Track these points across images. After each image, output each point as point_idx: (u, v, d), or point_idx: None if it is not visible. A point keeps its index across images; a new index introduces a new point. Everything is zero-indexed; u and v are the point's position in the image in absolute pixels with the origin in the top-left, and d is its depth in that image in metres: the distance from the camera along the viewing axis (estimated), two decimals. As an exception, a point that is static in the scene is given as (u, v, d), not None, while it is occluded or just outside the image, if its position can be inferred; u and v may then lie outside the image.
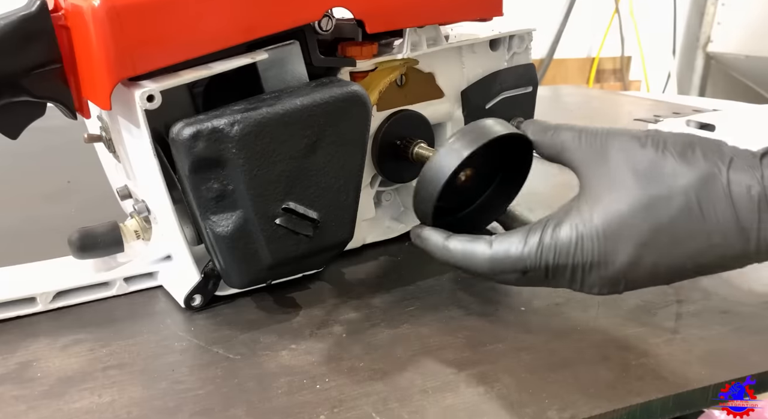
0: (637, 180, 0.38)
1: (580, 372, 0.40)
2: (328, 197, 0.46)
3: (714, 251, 0.37)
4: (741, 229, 0.36)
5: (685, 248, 0.37)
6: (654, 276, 0.38)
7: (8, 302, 0.46)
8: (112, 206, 0.59)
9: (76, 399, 0.38)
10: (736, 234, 0.36)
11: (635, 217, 0.38)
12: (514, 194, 0.50)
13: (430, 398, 0.38)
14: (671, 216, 0.37)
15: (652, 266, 0.38)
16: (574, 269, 0.39)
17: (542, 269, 0.40)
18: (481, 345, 0.43)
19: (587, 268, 0.39)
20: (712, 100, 1.44)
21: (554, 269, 0.39)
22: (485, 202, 0.50)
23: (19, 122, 0.46)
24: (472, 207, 0.50)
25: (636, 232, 0.37)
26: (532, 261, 0.39)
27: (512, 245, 0.40)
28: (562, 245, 0.39)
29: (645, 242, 0.37)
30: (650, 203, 0.37)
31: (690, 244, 0.37)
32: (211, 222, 0.43)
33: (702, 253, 0.37)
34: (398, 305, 0.48)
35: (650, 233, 0.37)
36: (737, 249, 0.36)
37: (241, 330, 0.45)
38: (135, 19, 0.40)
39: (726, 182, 0.36)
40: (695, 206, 0.37)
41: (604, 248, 0.38)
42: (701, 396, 0.39)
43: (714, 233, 0.36)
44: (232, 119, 0.41)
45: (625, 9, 2.32)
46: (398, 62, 0.52)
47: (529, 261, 0.40)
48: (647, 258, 0.37)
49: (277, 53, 0.46)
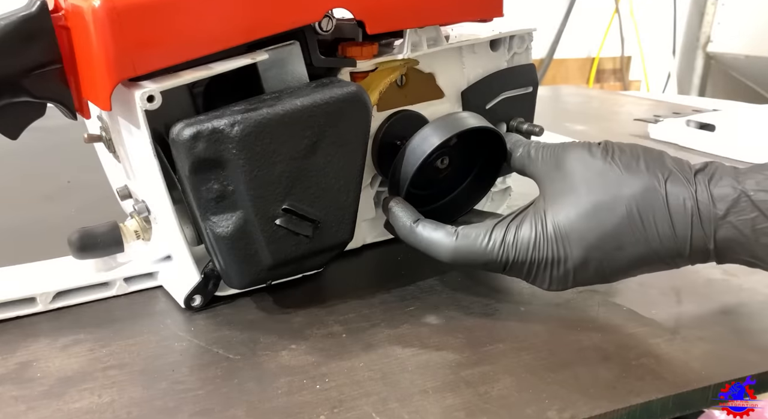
0: (587, 188, 0.42)
1: (581, 372, 0.40)
2: (328, 198, 0.46)
3: (653, 255, 0.41)
4: (676, 237, 0.40)
5: (627, 253, 0.41)
6: (599, 275, 0.43)
7: (8, 303, 0.46)
8: (112, 206, 0.59)
9: (76, 399, 0.38)
10: (671, 241, 0.40)
11: (582, 222, 0.42)
12: (487, 188, 0.54)
13: (430, 398, 0.38)
14: (614, 224, 0.41)
15: (597, 267, 0.42)
16: (530, 266, 0.43)
17: (501, 264, 0.43)
18: (481, 345, 0.43)
19: (542, 266, 0.43)
20: (712, 100, 1.44)
21: (513, 264, 0.43)
22: (460, 195, 0.54)
23: (19, 123, 0.46)
24: (447, 199, 0.54)
25: (584, 236, 0.41)
26: (493, 256, 0.43)
27: (476, 240, 0.44)
28: (522, 244, 0.43)
29: (591, 246, 0.41)
30: (596, 210, 0.41)
31: (631, 249, 0.41)
32: (211, 223, 0.43)
33: (642, 257, 0.41)
34: (398, 305, 0.48)
35: (596, 239, 0.41)
36: (673, 253, 0.41)
37: (241, 330, 0.45)
38: (135, 20, 0.40)
39: (664, 194, 0.40)
40: (636, 215, 0.41)
41: (557, 250, 0.42)
42: (701, 396, 0.39)
43: (653, 240, 0.40)
44: (233, 119, 0.41)
45: (625, 9, 2.32)
46: (398, 63, 0.52)
47: (491, 256, 0.43)
48: (593, 260, 0.42)
49: (278, 54, 0.46)
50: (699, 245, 0.40)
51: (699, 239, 0.40)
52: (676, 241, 0.40)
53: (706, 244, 0.40)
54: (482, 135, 0.50)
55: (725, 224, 0.39)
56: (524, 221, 0.43)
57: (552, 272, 0.43)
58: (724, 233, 0.39)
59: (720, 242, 0.39)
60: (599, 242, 0.41)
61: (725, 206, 0.39)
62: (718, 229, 0.39)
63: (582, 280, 0.43)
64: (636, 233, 0.40)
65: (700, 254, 0.40)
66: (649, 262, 0.41)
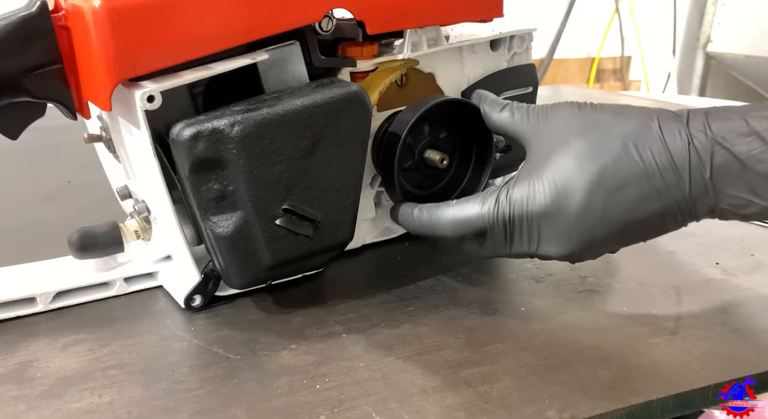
0: (578, 135, 0.42)
1: (581, 372, 0.40)
2: (328, 198, 0.46)
3: (655, 194, 0.40)
4: (675, 168, 0.39)
5: (630, 193, 0.40)
6: (605, 224, 0.41)
7: (8, 303, 0.46)
8: (112, 206, 0.59)
9: (76, 399, 0.38)
10: (671, 173, 0.39)
11: (581, 163, 0.41)
12: (484, 177, 0.53)
13: (430, 398, 0.38)
14: (612, 158, 0.40)
15: (602, 214, 0.41)
16: (530, 223, 0.42)
17: (500, 226, 0.43)
18: (481, 344, 0.43)
19: (542, 220, 0.42)
20: (712, 100, 1.44)
21: (511, 225, 0.43)
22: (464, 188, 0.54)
23: (19, 123, 0.46)
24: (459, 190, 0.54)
25: (584, 177, 0.40)
26: (490, 217, 0.43)
27: (471, 206, 0.44)
28: (516, 200, 0.42)
29: (592, 185, 0.40)
30: (592, 149, 0.41)
31: (634, 188, 0.40)
32: (211, 223, 0.43)
33: (647, 198, 0.40)
34: (398, 305, 0.48)
35: (597, 175, 0.40)
36: (674, 191, 0.40)
37: (241, 330, 0.45)
38: (135, 20, 0.40)
39: (658, 127, 0.40)
40: (633, 149, 0.40)
41: (556, 196, 0.41)
42: (701, 396, 0.39)
43: (653, 175, 0.40)
44: (233, 119, 0.41)
45: (625, 9, 2.32)
46: (399, 63, 0.52)
47: (487, 217, 0.43)
48: (596, 203, 0.40)
49: (278, 54, 0.46)
50: (697, 177, 0.39)
51: (696, 169, 0.39)
52: (675, 173, 0.39)
53: (703, 174, 0.39)
54: (463, 115, 0.51)
55: (720, 150, 0.38)
56: (517, 180, 0.43)
57: (553, 226, 0.42)
58: (720, 160, 0.38)
59: (716, 169, 0.38)
60: (599, 179, 0.40)
61: (720, 129, 0.39)
62: (714, 155, 0.38)
63: (588, 234, 0.41)
64: (635, 167, 0.40)
65: (700, 189, 0.39)
66: (654, 206, 0.40)
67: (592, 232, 0.41)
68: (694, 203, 0.40)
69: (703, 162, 0.39)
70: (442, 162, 0.50)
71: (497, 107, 0.48)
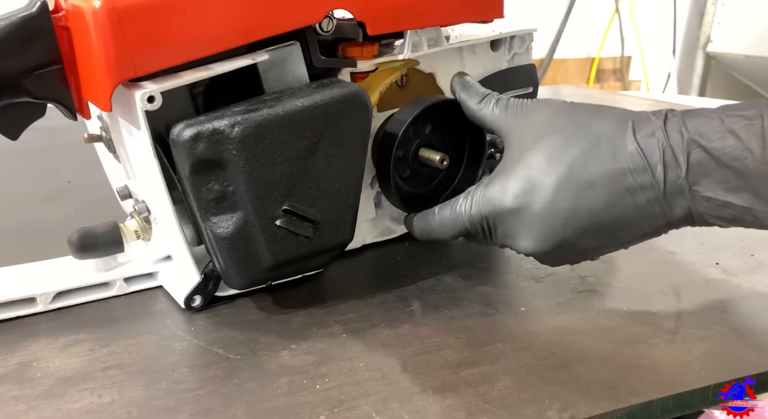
0: (552, 133, 0.42)
1: (581, 372, 0.40)
2: (328, 198, 0.46)
3: (627, 196, 0.39)
4: (648, 167, 0.39)
5: (600, 193, 0.40)
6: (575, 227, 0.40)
7: (8, 303, 0.46)
8: (112, 206, 0.59)
9: (76, 400, 0.38)
10: (643, 173, 0.39)
11: (551, 160, 0.41)
12: (478, 175, 0.54)
13: (430, 398, 0.38)
14: (583, 155, 0.40)
15: (569, 212, 0.40)
16: (502, 220, 0.43)
17: (477, 225, 0.44)
18: (481, 345, 0.43)
19: (511, 216, 0.42)
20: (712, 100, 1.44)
21: (487, 222, 0.43)
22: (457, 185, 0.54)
23: (19, 123, 0.46)
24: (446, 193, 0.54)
25: (552, 174, 0.40)
26: (468, 217, 0.44)
27: (452, 208, 0.46)
28: (489, 197, 0.43)
29: (560, 182, 0.40)
30: (563, 147, 0.41)
31: (604, 188, 0.40)
32: (211, 223, 0.43)
33: (617, 198, 0.39)
34: (398, 305, 0.48)
35: (565, 172, 0.40)
36: (647, 191, 0.39)
37: (241, 330, 0.45)
38: (136, 21, 0.40)
39: (632, 128, 0.40)
40: (605, 149, 0.40)
41: (524, 192, 0.41)
42: (701, 396, 0.39)
43: (625, 175, 0.39)
44: (233, 120, 0.41)
45: (625, 9, 2.32)
46: (399, 63, 0.52)
47: (466, 217, 0.44)
48: (563, 202, 0.40)
49: (278, 54, 0.46)
50: (672, 177, 0.38)
51: (672, 168, 0.38)
52: (647, 173, 0.39)
53: (678, 174, 0.38)
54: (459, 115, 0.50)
55: (696, 149, 0.38)
56: (492, 178, 0.44)
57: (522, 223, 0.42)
58: (695, 157, 0.38)
59: (692, 167, 0.38)
60: (568, 176, 0.40)
61: (696, 127, 0.38)
62: (690, 154, 0.38)
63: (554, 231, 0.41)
64: (606, 166, 0.39)
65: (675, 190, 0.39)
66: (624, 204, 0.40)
67: (558, 230, 0.41)
68: (669, 204, 0.39)
69: (678, 161, 0.38)
70: (443, 162, 0.50)
71: (476, 96, 0.48)
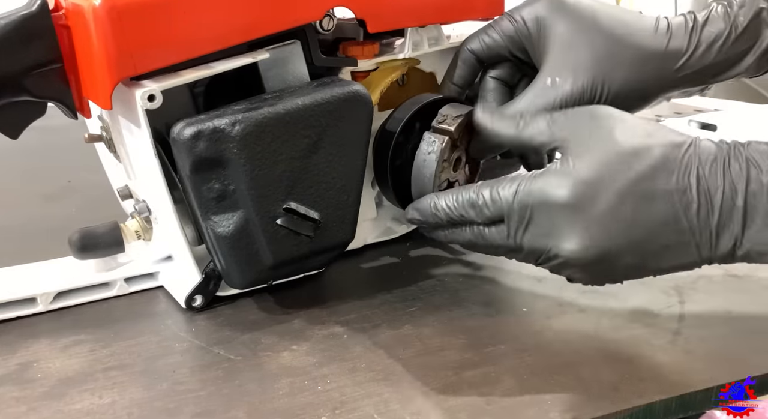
0: (622, 138, 0.39)
1: (583, 374, 0.40)
2: (329, 198, 0.46)
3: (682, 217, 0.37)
4: (707, 190, 0.37)
5: (660, 208, 0.38)
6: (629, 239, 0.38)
7: (8, 303, 0.46)
8: (112, 206, 0.59)
9: (77, 400, 0.38)
10: (703, 195, 0.37)
11: (615, 169, 0.38)
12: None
13: (431, 399, 0.38)
14: (649, 167, 0.38)
15: (629, 221, 0.38)
16: (549, 213, 0.39)
17: (517, 212, 0.40)
18: (483, 346, 0.43)
19: (562, 212, 0.38)
20: (713, 100, 1.44)
21: (530, 212, 0.39)
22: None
23: (19, 122, 0.46)
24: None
25: (616, 181, 0.38)
26: (508, 201, 0.40)
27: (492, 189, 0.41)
28: (537, 189, 0.39)
29: (625, 190, 0.38)
30: (627, 159, 0.38)
31: (664, 201, 0.37)
32: (212, 222, 0.43)
33: (674, 215, 0.37)
34: (400, 305, 0.48)
35: (631, 182, 0.38)
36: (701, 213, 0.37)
37: (242, 330, 0.45)
38: (136, 19, 0.40)
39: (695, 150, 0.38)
40: (668, 164, 0.38)
41: (583, 193, 0.38)
42: (704, 397, 0.39)
43: (684, 192, 0.37)
44: (234, 118, 0.41)
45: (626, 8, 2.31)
46: (400, 62, 0.52)
47: (506, 201, 0.40)
48: (626, 209, 0.38)
49: (279, 53, 0.46)
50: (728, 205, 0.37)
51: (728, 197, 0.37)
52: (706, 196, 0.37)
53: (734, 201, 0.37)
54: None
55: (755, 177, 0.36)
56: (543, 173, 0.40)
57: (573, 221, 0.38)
58: (754, 187, 0.36)
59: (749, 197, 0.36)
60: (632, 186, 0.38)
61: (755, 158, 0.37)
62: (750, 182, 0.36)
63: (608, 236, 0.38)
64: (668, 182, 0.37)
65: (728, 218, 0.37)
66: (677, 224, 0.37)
67: (614, 236, 0.38)
68: (718, 237, 0.37)
69: (736, 188, 0.37)
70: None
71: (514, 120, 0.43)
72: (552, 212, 0.39)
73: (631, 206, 0.38)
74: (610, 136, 0.40)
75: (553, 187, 0.39)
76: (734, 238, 0.37)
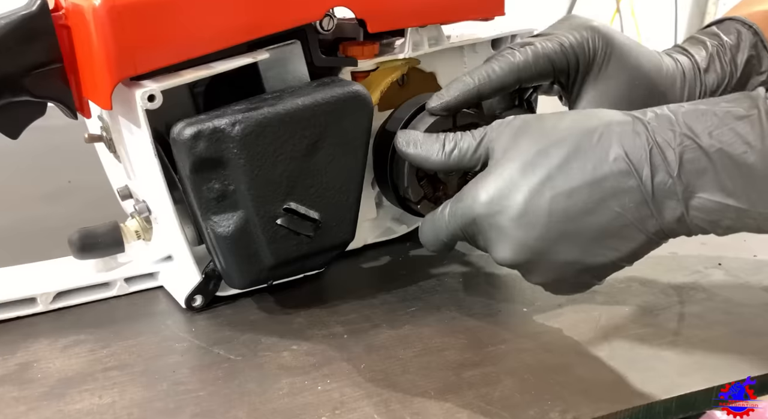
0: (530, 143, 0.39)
1: (583, 374, 0.40)
2: (329, 198, 0.46)
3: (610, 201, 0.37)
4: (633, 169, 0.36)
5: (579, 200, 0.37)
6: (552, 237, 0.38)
7: (8, 303, 0.46)
8: (112, 206, 0.59)
9: (77, 401, 0.38)
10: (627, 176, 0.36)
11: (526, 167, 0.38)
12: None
13: (431, 399, 0.38)
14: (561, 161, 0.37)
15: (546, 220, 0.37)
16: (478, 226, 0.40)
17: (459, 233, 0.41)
18: (483, 346, 0.43)
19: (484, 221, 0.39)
20: (713, 100, 1.44)
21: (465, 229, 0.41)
22: None
23: (19, 122, 0.46)
24: None
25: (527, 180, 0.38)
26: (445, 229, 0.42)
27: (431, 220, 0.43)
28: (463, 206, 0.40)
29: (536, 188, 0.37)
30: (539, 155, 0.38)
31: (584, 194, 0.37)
32: (212, 222, 0.43)
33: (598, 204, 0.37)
34: (400, 305, 0.48)
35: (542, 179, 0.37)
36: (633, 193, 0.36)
37: (242, 330, 0.45)
38: (136, 19, 0.40)
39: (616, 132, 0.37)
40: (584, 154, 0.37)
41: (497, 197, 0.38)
42: (704, 397, 0.39)
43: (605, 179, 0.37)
44: (234, 118, 0.41)
45: (627, 9, 2.32)
46: (400, 62, 0.52)
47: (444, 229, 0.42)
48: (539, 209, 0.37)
49: (279, 53, 0.46)
50: (661, 177, 0.35)
51: (660, 168, 0.35)
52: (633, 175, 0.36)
53: (669, 173, 0.35)
54: None
55: (690, 145, 0.35)
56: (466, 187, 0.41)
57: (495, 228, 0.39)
58: (690, 155, 0.35)
59: (686, 165, 0.35)
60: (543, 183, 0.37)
61: (688, 122, 0.36)
62: (685, 151, 0.35)
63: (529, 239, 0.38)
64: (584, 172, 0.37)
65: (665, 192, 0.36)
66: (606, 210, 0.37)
67: (534, 238, 0.38)
68: (659, 209, 0.36)
69: (668, 160, 0.35)
70: None
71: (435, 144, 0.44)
72: (480, 226, 0.40)
73: (542, 204, 0.37)
74: (523, 137, 0.40)
75: (469, 202, 0.40)
76: (678, 212, 0.36)
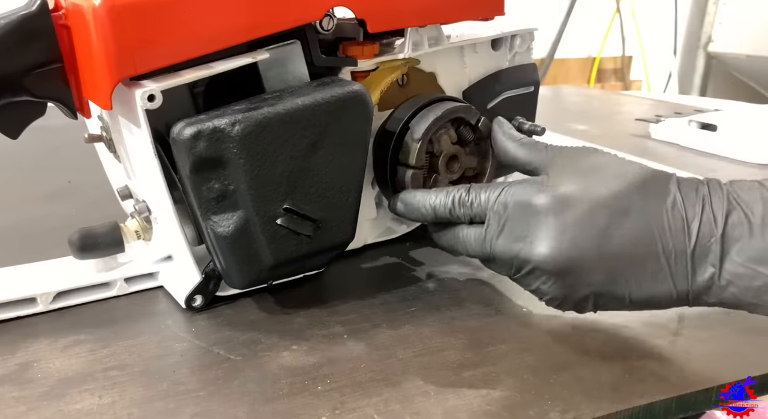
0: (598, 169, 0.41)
1: (583, 374, 0.40)
2: (329, 197, 0.46)
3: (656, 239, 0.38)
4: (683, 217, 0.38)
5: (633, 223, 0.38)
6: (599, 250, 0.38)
7: (8, 303, 0.46)
8: (112, 206, 0.59)
9: (77, 401, 0.38)
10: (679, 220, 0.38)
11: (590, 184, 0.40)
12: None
13: (431, 399, 0.38)
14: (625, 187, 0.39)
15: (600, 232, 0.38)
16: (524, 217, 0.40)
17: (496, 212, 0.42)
18: (483, 346, 0.43)
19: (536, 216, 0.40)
20: (713, 100, 1.44)
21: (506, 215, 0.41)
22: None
23: (19, 122, 0.46)
24: None
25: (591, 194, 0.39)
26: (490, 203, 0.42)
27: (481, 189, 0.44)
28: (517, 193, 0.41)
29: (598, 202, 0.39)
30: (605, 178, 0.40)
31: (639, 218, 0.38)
32: (212, 222, 0.43)
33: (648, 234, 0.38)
34: (400, 305, 0.48)
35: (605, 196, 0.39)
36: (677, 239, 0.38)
37: (242, 330, 0.45)
38: (136, 19, 0.40)
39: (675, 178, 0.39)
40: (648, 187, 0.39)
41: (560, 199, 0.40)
42: (704, 397, 0.39)
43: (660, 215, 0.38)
44: (234, 118, 0.41)
45: (627, 8, 2.32)
46: (400, 62, 0.52)
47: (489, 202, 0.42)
48: (598, 220, 0.39)
49: (278, 53, 0.46)
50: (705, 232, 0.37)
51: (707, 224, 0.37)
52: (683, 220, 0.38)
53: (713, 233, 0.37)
54: None
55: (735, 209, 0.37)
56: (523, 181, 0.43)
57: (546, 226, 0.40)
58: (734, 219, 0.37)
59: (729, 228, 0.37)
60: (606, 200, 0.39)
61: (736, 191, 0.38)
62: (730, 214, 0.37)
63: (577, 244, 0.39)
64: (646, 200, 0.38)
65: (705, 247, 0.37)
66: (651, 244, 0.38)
67: (584, 245, 0.39)
68: (694, 263, 0.37)
69: (716, 219, 0.37)
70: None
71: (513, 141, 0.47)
72: (528, 215, 0.41)
73: (604, 217, 0.39)
74: (592, 161, 0.42)
75: (534, 191, 0.41)
76: (713, 270, 0.37)
